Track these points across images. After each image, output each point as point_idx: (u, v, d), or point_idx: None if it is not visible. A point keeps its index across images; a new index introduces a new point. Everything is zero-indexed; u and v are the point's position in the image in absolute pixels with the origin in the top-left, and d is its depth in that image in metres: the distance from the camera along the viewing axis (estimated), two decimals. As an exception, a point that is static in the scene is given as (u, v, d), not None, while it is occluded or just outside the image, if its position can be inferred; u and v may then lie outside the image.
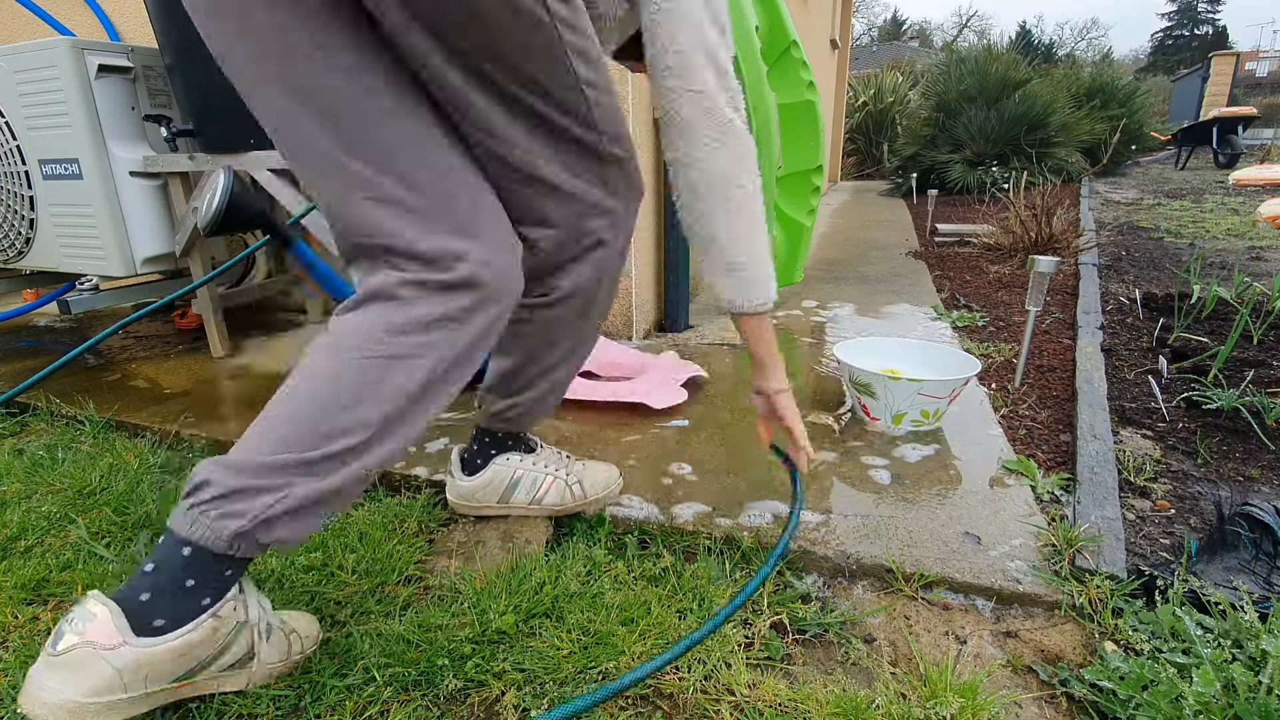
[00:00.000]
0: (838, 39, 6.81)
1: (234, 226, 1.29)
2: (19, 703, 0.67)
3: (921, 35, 44.51)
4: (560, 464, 1.17)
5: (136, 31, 2.44)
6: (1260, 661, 0.80)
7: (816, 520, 1.13)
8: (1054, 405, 1.55)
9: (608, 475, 1.20)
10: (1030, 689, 0.84)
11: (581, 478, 1.17)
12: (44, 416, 1.70)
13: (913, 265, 3.16)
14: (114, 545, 1.15)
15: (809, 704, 0.81)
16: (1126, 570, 0.97)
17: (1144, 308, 2.30)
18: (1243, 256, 3.12)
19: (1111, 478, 1.20)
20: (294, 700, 0.83)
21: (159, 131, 1.89)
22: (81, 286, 2.40)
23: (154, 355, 2.13)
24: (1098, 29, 65.95)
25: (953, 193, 5.91)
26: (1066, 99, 6.52)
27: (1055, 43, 35.10)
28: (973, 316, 2.26)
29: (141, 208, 1.94)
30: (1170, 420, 1.46)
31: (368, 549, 1.11)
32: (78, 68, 1.77)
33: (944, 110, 6.56)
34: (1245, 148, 8.51)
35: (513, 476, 1.14)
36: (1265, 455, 1.31)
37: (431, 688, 0.84)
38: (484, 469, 1.14)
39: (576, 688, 0.83)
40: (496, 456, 1.14)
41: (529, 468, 1.15)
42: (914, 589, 1.01)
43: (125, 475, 1.35)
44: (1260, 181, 5.75)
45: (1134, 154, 8.25)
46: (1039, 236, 3.14)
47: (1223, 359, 1.69)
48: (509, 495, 1.15)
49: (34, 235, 2.02)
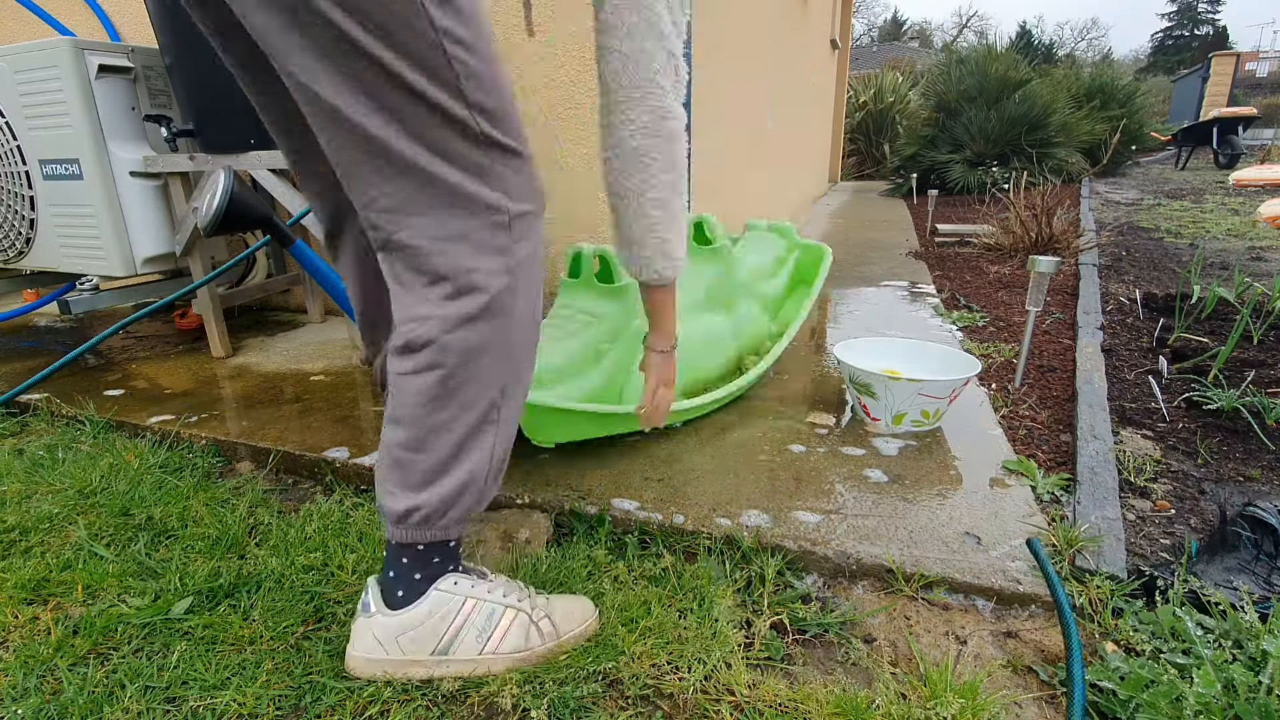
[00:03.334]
0: (838, 39, 6.81)
1: (234, 227, 1.28)
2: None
3: (921, 35, 44.51)
4: (521, 594, 0.91)
5: (136, 31, 2.44)
6: (1260, 662, 0.80)
7: (816, 520, 1.13)
8: (1054, 405, 1.55)
9: (582, 609, 0.94)
10: (1030, 689, 0.84)
11: (549, 612, 0.91)
12: (44, 416, 1.70)
13: (913, 265, 3.16)
14: (114, 545, 1.15)
15: (809, 704, 0.81)
16: (1127, 570, 0.97)
17: (1144, 308, 2.30)
18: (1243, 257, 3.12)
19: (1111, 478, 1.20)
20: (294, 700, 0.83)
21: (159, 131, 1.90)
22: (81, 286, 2.40)
23: (154, 355, 2.13)
24: (1098, 29, 66.04)
25: (953, 193, 5.91)
26: (1066, 99, 6.52)
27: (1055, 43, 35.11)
28: (973, 316, 2.26)
29: (142, 208, 1.94)
30: (1170, 420, 1.46)
31: (368, 549, 1.11)
32: (78, 68, 1.77)
33: (944, 110, 6.56)
34: (1245, 148, 8.50)
35: (459, 614, 0.85)
36: (1265, 455, 1.31)
37: (431, 688, 0.84)
38: (417, 603, 0.84)
39: (577, 688, 0.83)
40: (440, 580, 0.85)
41: (482, 596, 0.87)
42: (914, 589, 1.00)
43: (125, 475, 1.35)
44: (1260, 182, 5.75)
45: (1134, 154, 8.25)
46: (1039, 237, 3.15)
47: (1223, 359, 1.69)
48: (451, 642, 0.85)
49: (34, 235, 2.02)
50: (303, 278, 2.44)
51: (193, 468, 1.42)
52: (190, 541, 1.16)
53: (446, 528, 0.83)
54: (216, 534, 1.16)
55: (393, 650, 0.83)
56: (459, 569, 0.87)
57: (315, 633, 0.95)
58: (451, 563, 0.87)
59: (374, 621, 0.83)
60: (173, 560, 1.10)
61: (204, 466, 1.43)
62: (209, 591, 1.02)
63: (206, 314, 2.04)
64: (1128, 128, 6.83)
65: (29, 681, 0.86)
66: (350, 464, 1.36)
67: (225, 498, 1.30)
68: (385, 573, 0.85)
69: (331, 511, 1.23)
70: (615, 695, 0.84)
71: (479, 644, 0.85)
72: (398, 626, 0.83)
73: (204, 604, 1.00)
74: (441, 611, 0.84)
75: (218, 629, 0.95)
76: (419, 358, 0.78)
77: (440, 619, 0.84)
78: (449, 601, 0.84)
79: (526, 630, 0.88)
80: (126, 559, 1.11)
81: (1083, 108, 6.81)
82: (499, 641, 0.86)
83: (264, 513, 1.24)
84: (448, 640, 0.84)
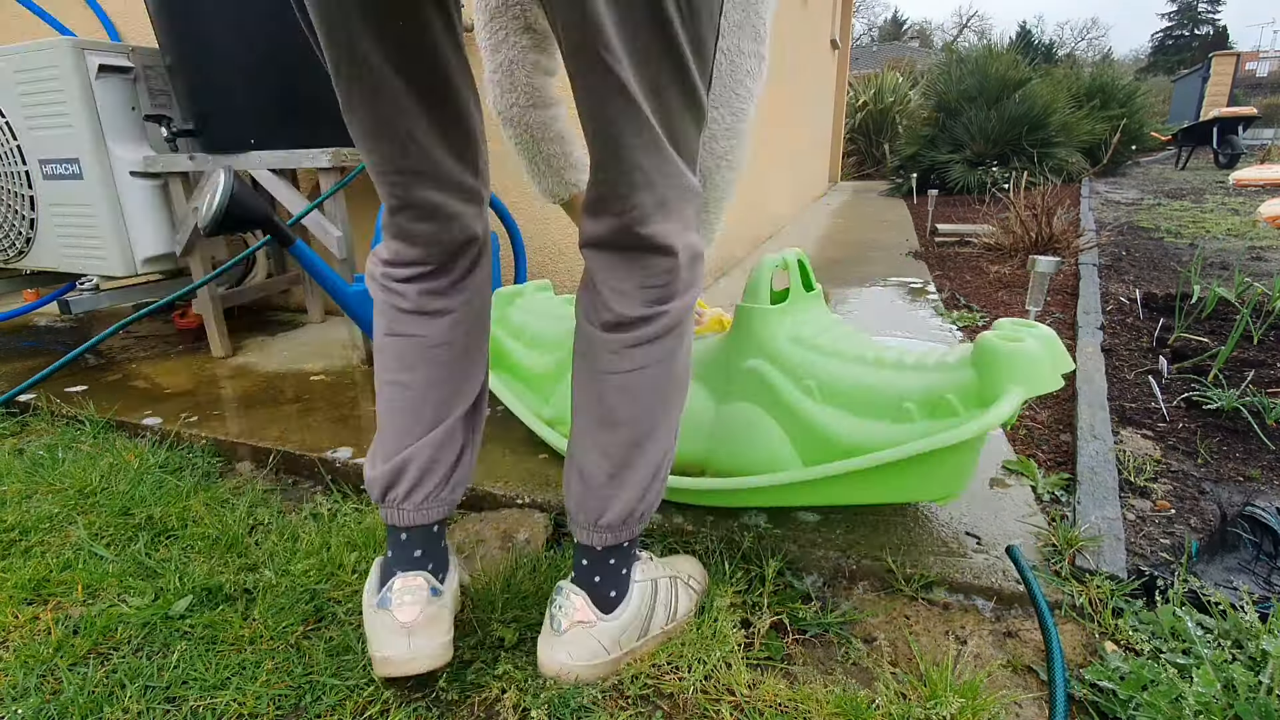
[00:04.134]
0: (838, 39, 6.81)
1: (234, 226, 1.29)
2: None
3: (921, 35, 44.51)
4: (658, 563, 0.95)
5: (136, 31, 2.44)
6: (1260, 661, 0.80)
7: (816, 520, 1.13)
8: (1054, 405, 1.55)
9: (697, 565, 1.01)
10: (1030, 689, 0.84)
11: (687, 572, 0.97)
12: (44, 416, 1.70)
13: (913, 265, 3.16)
14: (114, 545, 1.15)
15: (809, 704, 0.81)
16: (1127, 570, 0.97)
17: (1144, 308, 2.29)
18: (1243, 256, 3.12)
19: (1111, 478, 1.20)
20: (294, 700, 0.83)
21: (159, 131, 1.90)
22: (82, 286, 2.40)
23: (154, 355, 2.13)
24: (1098, 29, 66.07)
25: (953, 193, 5.91)
26: (1066, 99, 6.52)
27: (1055, 43, 35.10)
28: (973, 316, 2.26)
29: (142, 208, 1.94)
30: (1170, 420, 1.46)
31: (368, 549, 1.11)
32: (78, 68, 1.77)
33: (944, 110, 6.56)
34: (1245, 148, 8.50)
35: (653, 596, 0.89)
36: (1265, 455, 1.31)
37: (431, 689, 0.84)
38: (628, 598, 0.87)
39: (577, 688, 0.83)
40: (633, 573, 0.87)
41: (654, 575, 0.91)
42: (914, 589, 1.00)
43: (125, 475, 1.35)
44: (1260, 181, 5.74)
45: (1134, 154, 8.25)
46: (1039, 236, 3.14)
47: (1223, 359, 1.69)
48: (649, 624, 0.89)
49: (34, 235, 2.02)
50: (303, 278, 2.44)
51: (193, 468, 1.42)
52: (190, 541, 1.16)
53: (647, 516, 0.86)
54: (216, 534, 1.16)
55: (614, 650, 0.85)
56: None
57: (315, 632, 0.95)
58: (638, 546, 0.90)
59: (596, 630, 0.84)
60: (172, 560, 1.10)
61: (204, 466, 1.43)
62: (209, 591, 1.02)
63: (206, 314, 2.04)
64: (1128, 128, 6.83)
65: (29, 681, 0.86)
66: (351, 464, 1.36)
67: (225, 498, 1.30)
68: (587, 579, 0.85)
69: (332, 511, 1.23)
70: (615, 695, 0.84)
71: (666, 617, 0.90)
72: (620, 628, 0.85)
73: (204, 603, 1.00)
74: (644, 601, 0.88)
75: (218, 629, 0.95)
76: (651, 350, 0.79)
77: (643, 607, 0.88)
78: (645, 590, 0.88)
79: (688, 592, 0.94)
80: (126, 559, 1.11)
81: (1083, 108, 6.81)
82: (676, 607, 0.91)
83: (264, 512, 1.24)
84: (646, 622, 0.88)
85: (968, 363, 0.96)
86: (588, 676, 0.85)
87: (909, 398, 0.98)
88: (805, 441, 1.05)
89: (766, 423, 1.09)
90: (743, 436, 1.11)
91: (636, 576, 0.88)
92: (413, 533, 0.86)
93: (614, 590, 0.86)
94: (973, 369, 0.95)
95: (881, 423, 1.00)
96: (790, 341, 1.11)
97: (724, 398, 1.16)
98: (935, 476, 0.97)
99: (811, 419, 1.04)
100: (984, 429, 0.87)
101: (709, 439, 1.16)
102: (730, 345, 1.17)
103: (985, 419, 0.87)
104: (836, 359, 1.08)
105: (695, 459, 1.18)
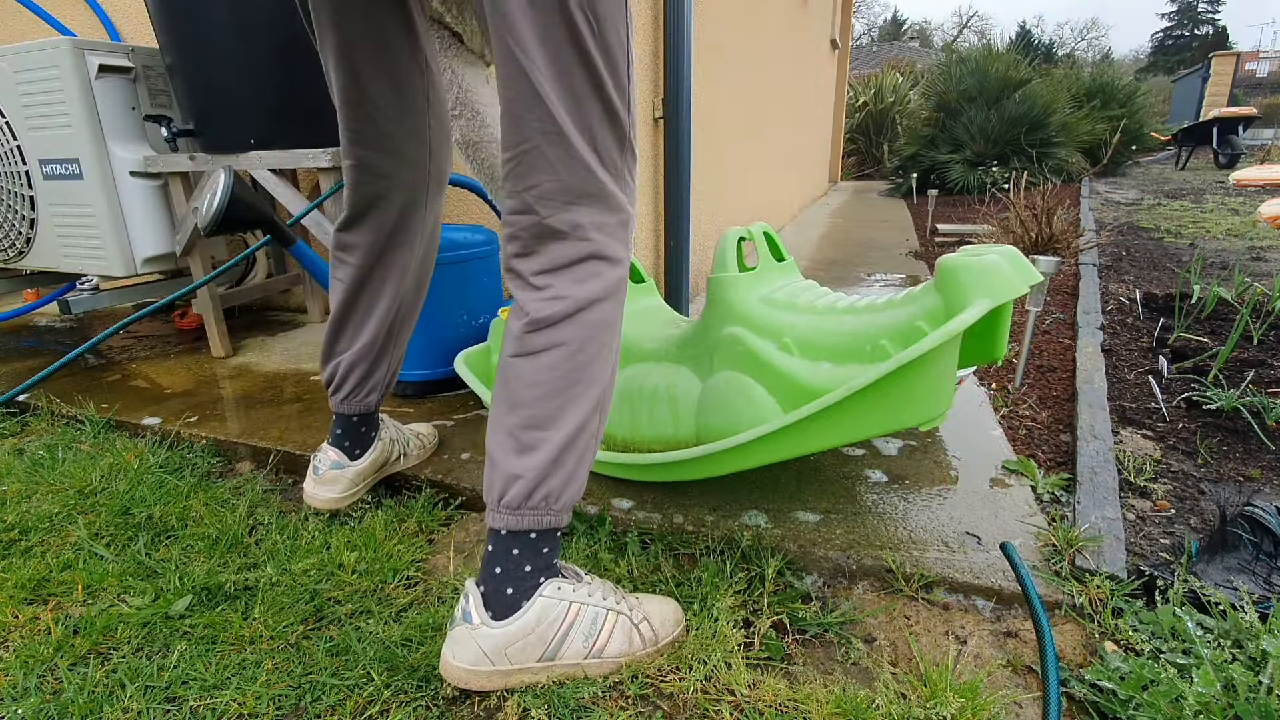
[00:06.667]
0: (838, 39, 6.81)
1: (234, 226, 1.28)
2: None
3: (921, 35, 44.51)
4: (617, 596, 0.89)
5: (136, 31, 2.44)
6: (1260, 662, 0.80)
7: (816, 520, 1.13)
8: (1054, 405, 1.55)
9: (670, 609, 0.93)
10: (1030, 689, 0.84)
11: (646, 614, 0.90)
12: (44, 416, 1.70)
13: (913, 265, 3.16)
14: (114, 545, 1.15)
15: (809, 704, 0.81)
16: (1127, 570, 0.97)
17: (1144, 308, 2.30)
18: (1243, 256, 3.12)
19: (1111, 478, 1.20)
20: (294, 700, 0.84)
21: (159, 131, 1.89)
22: (81, 286, 2.41)
23: (154, 355, 2.13)
24: (1098, 29, 66.00)
25: (953, 193, 5.91)
26: (1066, 99, 6.52)
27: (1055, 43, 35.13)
28: (973, 316, 2.25)
29: (142, 208, 1.94)
30: (1170, 420, 1.46)
31: (368, 548, 1.11)
32: (78, 68, 1.77)
33: (944, 110, 6.56)
34: (1245, 148, 8.51)
35: (566, 619, 0.83)
36: (1265, 455, 1.31)
37: (431, 689, 0.84)
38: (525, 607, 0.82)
39: (577, 688, 0.83)
40: (544, 585, 0.83)
41: (584, 600, 0.85)
42: (914, 589, 1.01)
43: (125, 475, 1.35)
44: (1260, 181, 5.74)
45: (1134, 154, 8.25)
46: (1039, 236, 3.14)
47: (1223, 359, 1.69)
48: (557, 648, 0.83)
49: (34, 235, 2.02)
50: (303, 278, 2.44)
51: (193, 468, 1.42)
52: (190, 541, 1.16)
53: (562, 512, 0.84)
54: (216, 534, 1.16)
55: (500, 662, 0.81)
56: (559, 573, 0.85)
57: (315, 632, 0.95)
58: (555, 558, 0.86)
59: (479, 634, 0.80)
60: (172, 560, 1.10)
61: (204, 466, 1.43)
62: (209, 591, 1.02)
63: (206, 314, 2.04)
64: (1128, 128, 6.84)
65: (29, 681, 0.86)
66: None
67: (225, 497, 1.30)
68: (489, 570, 0.83)
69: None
70: (615, 695, 0.84)
71: (585, 647, 0.84)
72: (506, 639, 0.80)
73: (204, 603, 1.00)
74: (549, 619, 0.82)
75: (218, 628, 0.95)
76: (552, 333, 0.82)
77: (548, 626, 0.82)
78: (555, 608, 0.82)
79: (629, 634, 0.87)
80: (126, 559, 1.11)
81: (1083, 108, 6.81)
82: (604, 645, 0.85)
83: (264, 512, 1.24)
84: (555, 646, 0.83)
85: (932, 289, 0.98)
86: (466, 682, 0.81)
87: (883, 335, 1.00)
88: (790, 397, 1.05)
89: (750, 386, 1.09)
90: (729, 404, 1.11)
91: (547, 591, 0.83)
92: (337, 419, 1.20)
93: (512, 588, 0.81)
94: (938, 293, 0.97)
95: (860, 365, 1.01)
96: (763, 304, 1.14)
97: (707, 373, 1.18)
98: (913, 397, 0.94)
99: (793, 374, 1.05)
100: (948, 335, 0.87)
101: (699, 416, 1.18)
102: (706, 319, 1.19)
103: (949, 325, 0.88)
104: (809, 313, 1.10)
105: (689, 440, 1.19)
